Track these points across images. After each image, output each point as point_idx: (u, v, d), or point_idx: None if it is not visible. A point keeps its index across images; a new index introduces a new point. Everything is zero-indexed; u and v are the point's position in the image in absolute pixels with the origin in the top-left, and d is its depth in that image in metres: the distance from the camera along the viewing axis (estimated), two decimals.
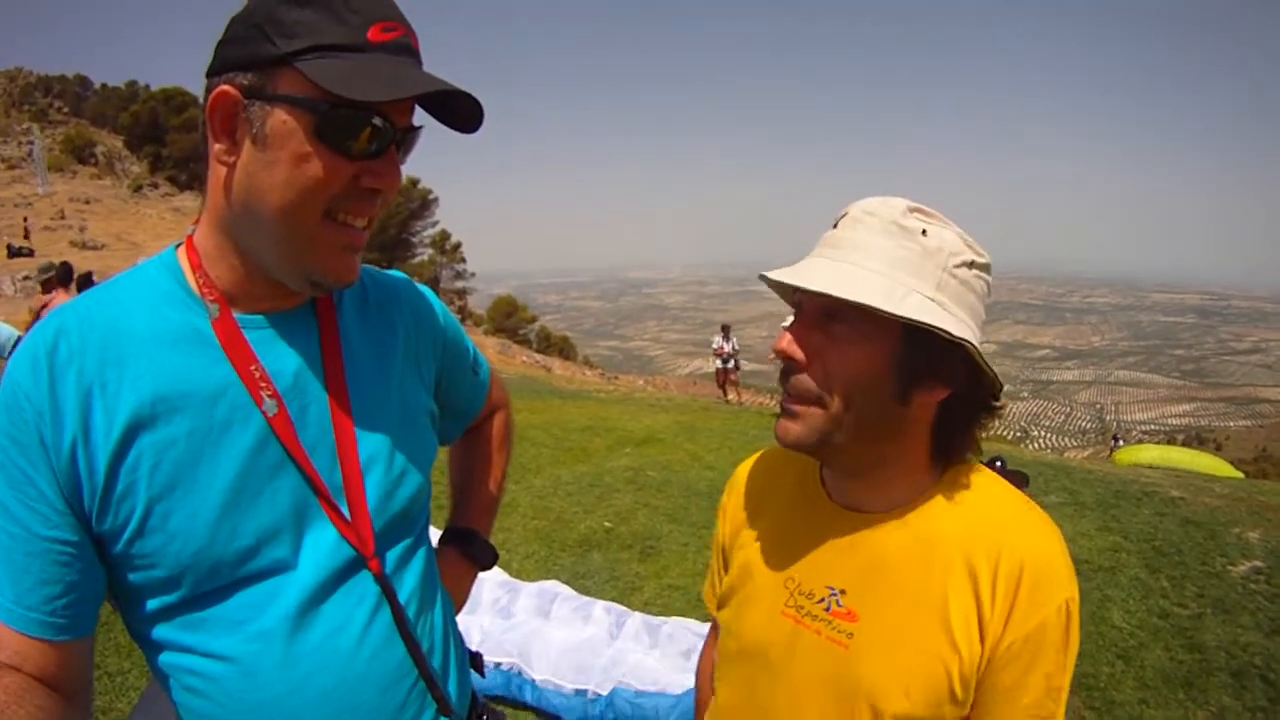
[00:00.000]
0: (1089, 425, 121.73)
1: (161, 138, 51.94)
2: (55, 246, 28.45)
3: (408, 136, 1.08)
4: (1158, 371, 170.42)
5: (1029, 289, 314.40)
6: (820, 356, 1.08)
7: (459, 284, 49.74)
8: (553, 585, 4.48)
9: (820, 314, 1.09)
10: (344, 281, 1.11)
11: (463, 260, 50.26)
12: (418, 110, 1.08)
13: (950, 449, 1.14)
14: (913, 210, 1.08)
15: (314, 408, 1.13)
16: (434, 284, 46.65)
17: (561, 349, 45.84)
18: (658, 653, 3.78)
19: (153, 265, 1.13)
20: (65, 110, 68.63)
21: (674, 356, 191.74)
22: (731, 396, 17.55)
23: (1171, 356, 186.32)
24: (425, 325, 1.36)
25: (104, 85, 76.32)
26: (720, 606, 1.35)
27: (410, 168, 1.17)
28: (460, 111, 1.08)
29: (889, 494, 1.15)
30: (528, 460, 8.16)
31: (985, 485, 1.15)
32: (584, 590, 4.69)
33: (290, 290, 1.12)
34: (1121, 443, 19.85)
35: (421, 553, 1.27)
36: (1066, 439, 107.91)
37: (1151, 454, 11.66)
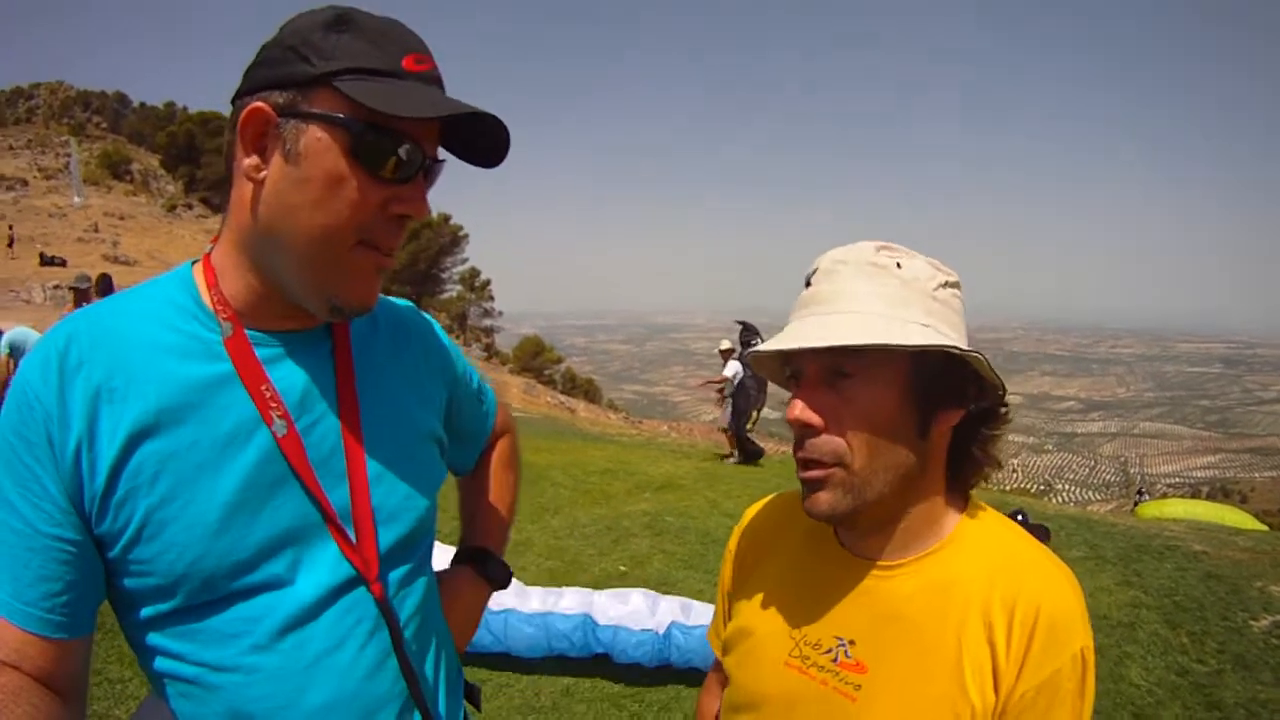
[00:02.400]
0: (1113, 478, 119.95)
1: (197, 159, 52.37)
2: (87, 259, 28.59)
3: (434, 167, 1.11)
4: (1183, 422, 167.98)
5: (1055, 340, 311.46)
6: (835, 416, 1.07)
7: (486, 322, 49.86)
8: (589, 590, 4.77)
9: (825, 374, 1.08)
10: (365, 307, 1.12)
11: (491, 298, 50.44)
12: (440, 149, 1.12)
13: (969, 471, 1.14)
14: (881, 248, 1.09)
15: (324, 427, 1.14)
16: (461, 320, 46.86)
17: (586, 391, 45.68)
18: (692, 621, 4.29)
19: (168, 280, 1.14)
20: (103, 126, 69.61)
21: (698, 403, 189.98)
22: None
23: (1197, 407, 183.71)
24: (434, 353, 1.37)
25: (142, 104, 77.57)
26: (724, 653, 1.32)
27: (441, 203, 1.18)
28: (486, 146, 1.12)
29: (905, 541, 1.13)
30: (546, 500, 8.15)
31: (1000, 532, 1.14)
32: None
33: (306, 312, 1.12)
34: (1146, 496, 19.50)
35: (422, 579, 1.27)
36: (1090, 492, 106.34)
37: (1175, 508, 11.45)
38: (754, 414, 12.83)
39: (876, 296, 1.05)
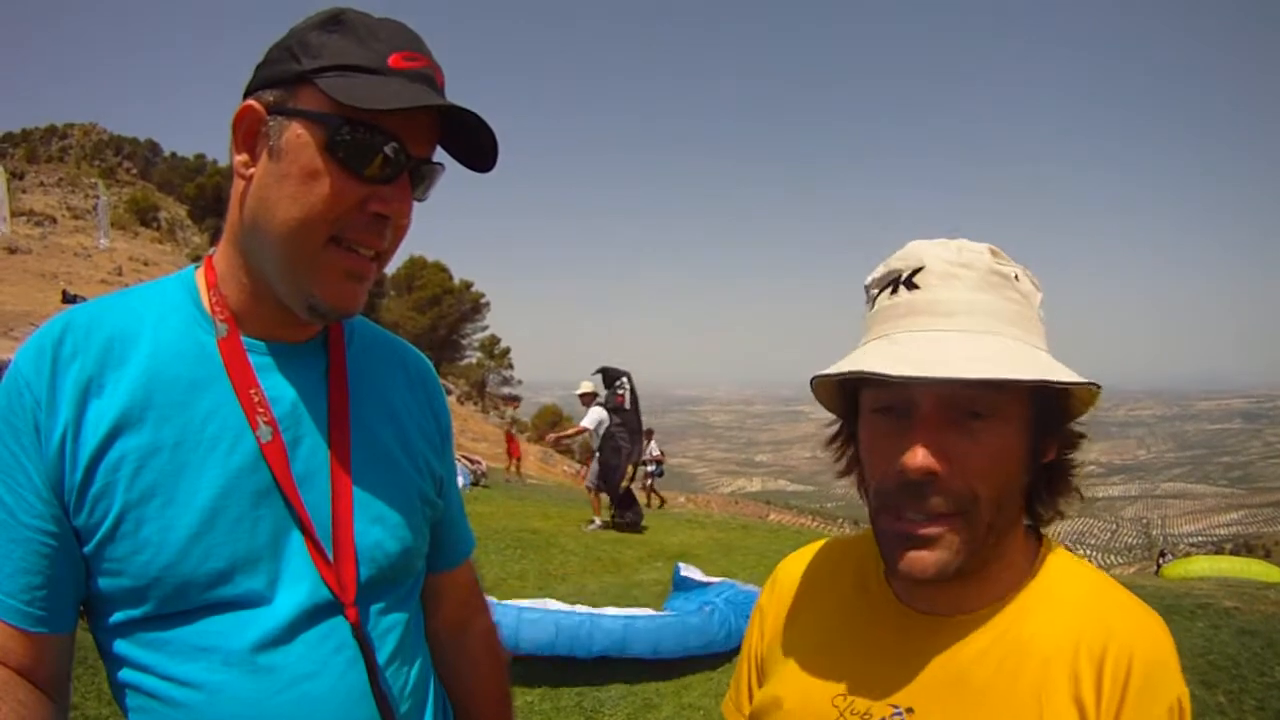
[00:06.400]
0: (1135, 541, 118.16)
1: (224, 212, 53.14)
2: None
3: (423, 168, 1.08)
4: (1205, 481, 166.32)
5: None
6: (961, 461, 0.89)
7: (505, 390, 50.12)
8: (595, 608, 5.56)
9: (952, 411, 0.90)
10: (343, 309, 1.09)
11: (510, 366, 50.85)
12: (440, 152, 1.11)
13: (1047, 507, 1.01)
14: (995, 252, 0.95)
15: (310, 440, 1.10)
16: (480, 388, 47.10)
17: None
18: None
19: (170, 281, 1.14)
20: (134, 172, 70.19)
21: (717, 475, 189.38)
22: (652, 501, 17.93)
23: (1219, 464, 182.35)
24: (441, 412, 1.32)
25: (173, 154, 78.26)
26: None
27: (462, 271, 1.13)
28: (477, 147, 1.10)
29: (974, 591, 0.98)
30: (554, 566, 8.07)
31: (1080, 574, 1.00)
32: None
33: (299, 320, 1.10)
34: (1170, 557, 19.22)
35: (404, 617, 1.19)
36: (1113, 556, 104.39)
37: (1201, 565, 11.32)
38: (629, 469, 11.33)
39: (1003, 316, 0.92)
